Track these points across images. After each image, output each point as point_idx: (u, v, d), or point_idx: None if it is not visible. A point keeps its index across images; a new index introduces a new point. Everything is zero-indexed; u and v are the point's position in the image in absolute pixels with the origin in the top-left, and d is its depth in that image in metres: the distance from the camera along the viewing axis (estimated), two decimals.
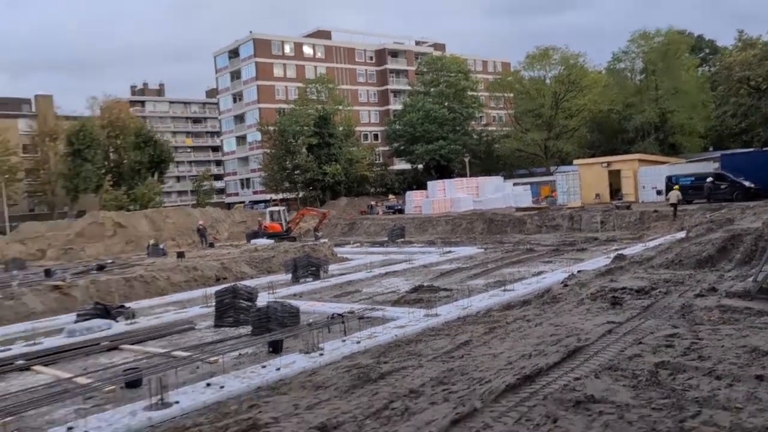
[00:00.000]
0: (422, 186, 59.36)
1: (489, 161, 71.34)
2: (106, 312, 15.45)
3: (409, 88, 79.53)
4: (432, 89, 70.86)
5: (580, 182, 45.76)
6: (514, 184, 55.85)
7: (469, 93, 71.83)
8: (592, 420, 6.59)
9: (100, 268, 25.41)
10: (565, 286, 14.89)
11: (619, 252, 20.76)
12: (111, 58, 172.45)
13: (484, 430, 6.69)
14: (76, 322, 14.92)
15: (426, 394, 8.08)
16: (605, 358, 8.84)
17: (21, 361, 11.76)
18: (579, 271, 17.02)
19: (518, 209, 41.94)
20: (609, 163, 45.52)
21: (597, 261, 20.07)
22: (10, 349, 12.91)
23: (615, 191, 43.97)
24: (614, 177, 44.49)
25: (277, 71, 79.96)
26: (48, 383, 10.27)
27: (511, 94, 72.59)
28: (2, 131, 68.44)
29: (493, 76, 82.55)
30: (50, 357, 12.07)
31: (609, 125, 67.79)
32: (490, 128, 78.31)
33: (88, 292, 19.32)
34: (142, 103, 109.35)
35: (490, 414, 7.12)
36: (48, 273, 24.37)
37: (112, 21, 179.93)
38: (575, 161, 51.55)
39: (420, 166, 72.01)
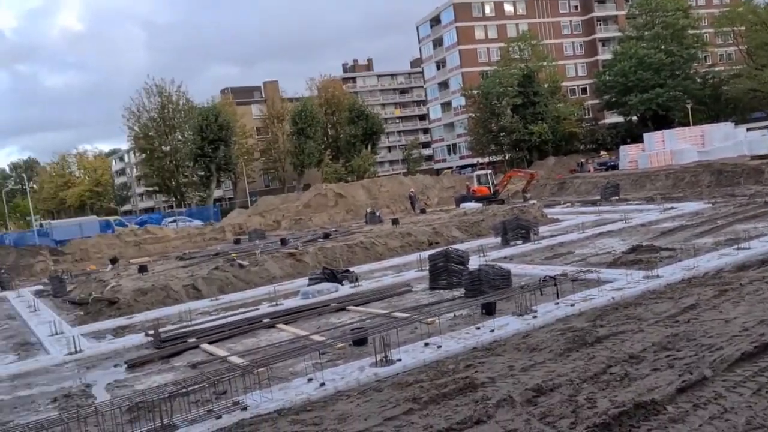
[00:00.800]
0: (637, 139, 55.17)
1: (716, 106, 63.86)
2: (333, 276, 16.92)
3: (619, 34, 73.76)
4: (646, 33, 65.00)
5: None
6: (748, 130, 49.41)
7: (690, 32, 64.62)
8: None
9: (326, 236, 27.68)
10: None
11: None
12: (324, 40, 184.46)
13: (715, 400, 6.25)
14: (308, 285, 16.58)
15: (647, 359, 7.74)
16: None
17: (267, 320, 13.44)
18: None
19: (754, 157, 37.13)
20: None
21: None
22: (257, 309, 14.82)
23: None
24: None
25: (479, 33, 79.19)
26: (289, 339, 11.63)
27: (743, 27, 63.75)
28: (239, 117, 77.13)
29: (719, 9, 73.07)
30: (289, 316, 13.61)
31: None
32: (716, 69, 69.81)
33: (316, 258, 21.28)
34: (353, 79, 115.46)
35: (722, 384, 6.62)
36: (283, 242, 27.15)
37: (325, 5, 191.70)
38: None
39: (634, 118, 66.90)
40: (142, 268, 22.35)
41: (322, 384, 8.41)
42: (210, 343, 11.98)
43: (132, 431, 7.55)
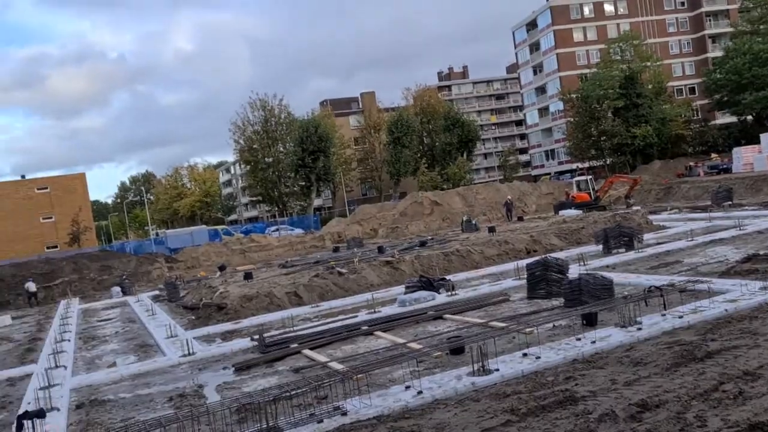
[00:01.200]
0: (753, 140, 51.54)
1: None
2: (429, 284, 17.02)
3: (731, 30, 69.35)
4: (761, 27, 60.72)
5: None
6: None
7: None
8: None
9: (422, 244, 27.83)
10: None
11: None
12: (419, 49, 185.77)
13: None
14: (405, 293, 16.76)
15: (765, 377, 7.29)
16: None
17: (365, 327, 13.73)
18: None
19: None
20: None
21: None
22: (356, 316, 15.16)
23: None
24: None
25: (577, 36, 77.03)
26: (387, 347, 11.83)
27: None
28: (338, 128, 79.16)
29: None
30: (387, 324, 13.83)
31: None
32: None
33: (413, 266, 21.45)
34: (449, 87, 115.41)
35: None
36: (380, 250, 27.55)
37: (418, 15, 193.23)
38: None
39: (749, 118, 62.55)
40: (248, 275, 23.40)
41: (420, 392, 8.51)
42: (311, 348, 12.40)
43: (240, 431, 7.96)
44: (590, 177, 43.18)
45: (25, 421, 8.50)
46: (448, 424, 7.32)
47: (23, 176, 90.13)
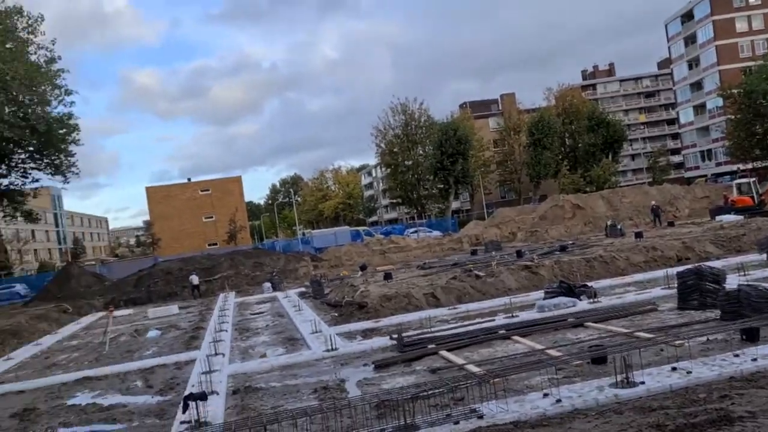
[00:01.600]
0: None
1: None
2: (570, 290, 16.51)
3: None
4: None
5: None
6: None
7: None
8: None
9: (562, 248, 27.02)
10: None
11: None
12: (562, 49, 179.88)
13: None
14: (544, 298, 16.40)
15: None
16: None
17: (502, 331, 13.63)
18: None
19: None
20: None
21: None
22: (493, 320, 15.09)
23: None
24: None
25: (740, 25, 70.85)
26: (524, 352, 11.69)
27: None
28: (477, 130, 78.86)
29: None
30: (525, 329, 13.63)
31: None
32: None
33: (553, 272, 20.92)
34: (593, 86, 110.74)
35: None
36: (519, 254, 27.13)
37: (562, 13, 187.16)
38: None
39: None
40: (387, 276, 24.06)
41: (558, 400, 8.35)
42: (448, 350, 12.53)
43: (379, 426, 8.28)
44: (754, 179, 39.55)
45: (189, 402, 9.42)
46: None
47: (189, 179, 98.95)
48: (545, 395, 8.64)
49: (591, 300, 15.88)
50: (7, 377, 16.65)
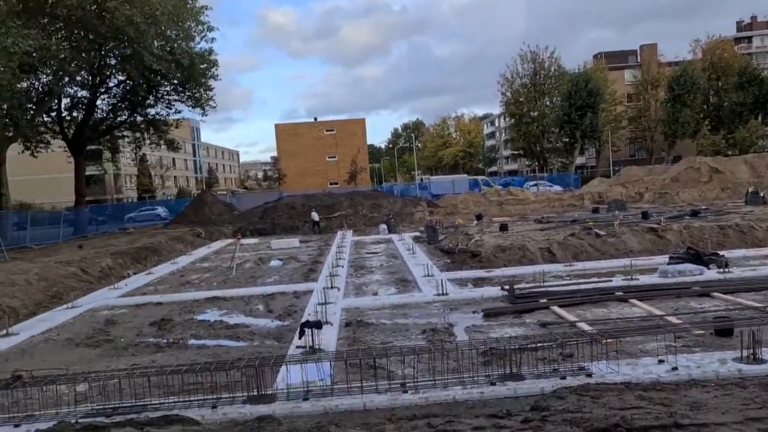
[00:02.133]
0: None
1: None
2: (698, 258, 15.57)
3: None
4: None
5: None
6: None
7: None
8: None
9: (694, 213, 25.41)
10: None
11: None
12: None
13: None
14: (668, 263, 15.58)
15: None
16: None
17: (619, 293, 13.18)
18: None
19: None
20: None
21: None
22: (610, 281, 14.60)
23: None
24: None
25: None
26: (642, 316, 11.27)
27: None
28: (610, 83, 74.57)
29: None
30: (644, 293, 13.10)
31: None
32: None
33: (681, 237, 19.76)
34: (749, 38, 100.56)
35: None
36: (645, 215, 25.80)
37: None
38: None
39: None
40: (503, 227, 23.80)
41: (674, 368, 8.05)
42: (560, 306, 12.35)
43: (484, 372, 8.40)
44: None
45: (306, 329, 10.02)
46: (705, 405, 6.85)
47: (315, 119, 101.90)
48: (660, 361, 8.36)
49: (721, 270, 14.91)
50: (148, 289, 18.49)
